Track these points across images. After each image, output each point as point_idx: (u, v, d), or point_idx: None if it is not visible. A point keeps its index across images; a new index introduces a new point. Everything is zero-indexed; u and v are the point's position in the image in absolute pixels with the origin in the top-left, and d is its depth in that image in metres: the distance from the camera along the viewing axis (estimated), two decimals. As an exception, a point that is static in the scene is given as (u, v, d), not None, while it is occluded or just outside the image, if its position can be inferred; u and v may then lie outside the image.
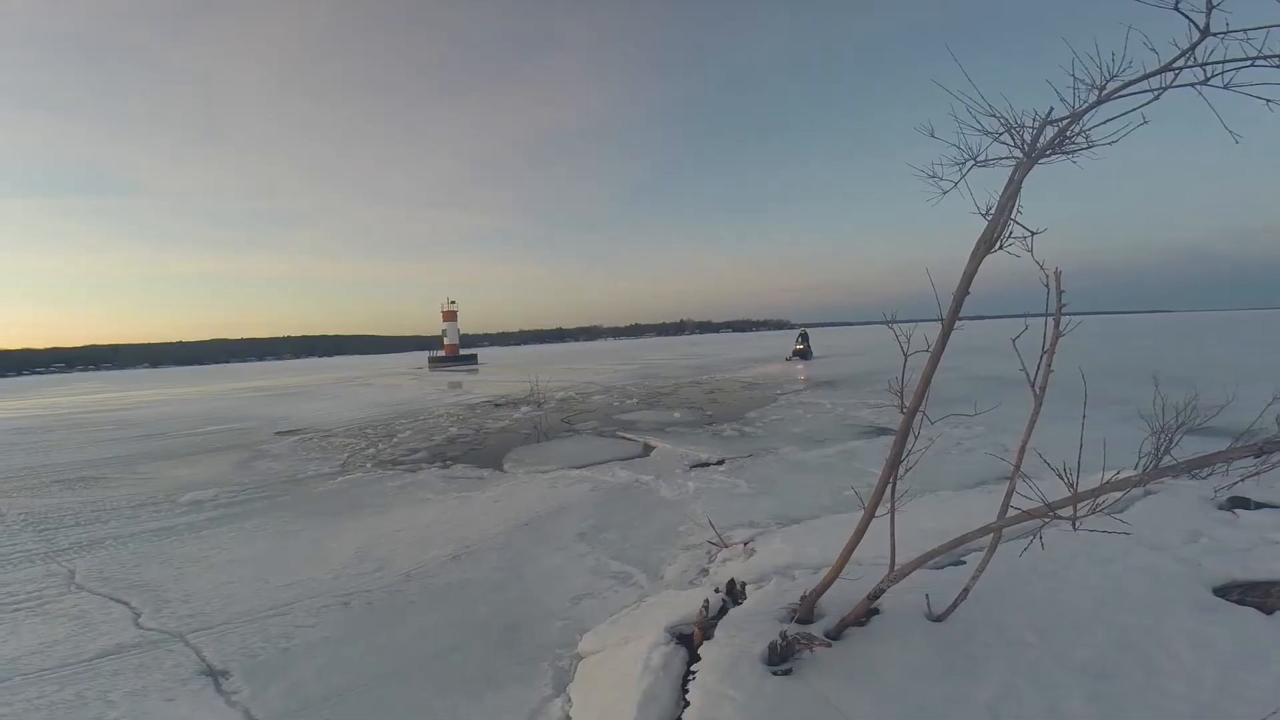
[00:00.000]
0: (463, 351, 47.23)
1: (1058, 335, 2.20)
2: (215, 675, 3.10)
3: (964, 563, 3.26)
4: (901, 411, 2.44)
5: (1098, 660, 2.31)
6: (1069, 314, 2.17)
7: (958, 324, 2.35)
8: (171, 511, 6.37)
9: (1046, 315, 2.21)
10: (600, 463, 7.70)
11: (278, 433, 12.12)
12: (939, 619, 2.57)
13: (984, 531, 2.30)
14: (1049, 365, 2.26)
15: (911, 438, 2.47)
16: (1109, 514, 2.19)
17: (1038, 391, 2.30)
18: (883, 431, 8.31)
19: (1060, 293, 2.14)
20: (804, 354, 27.93)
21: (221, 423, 14.39)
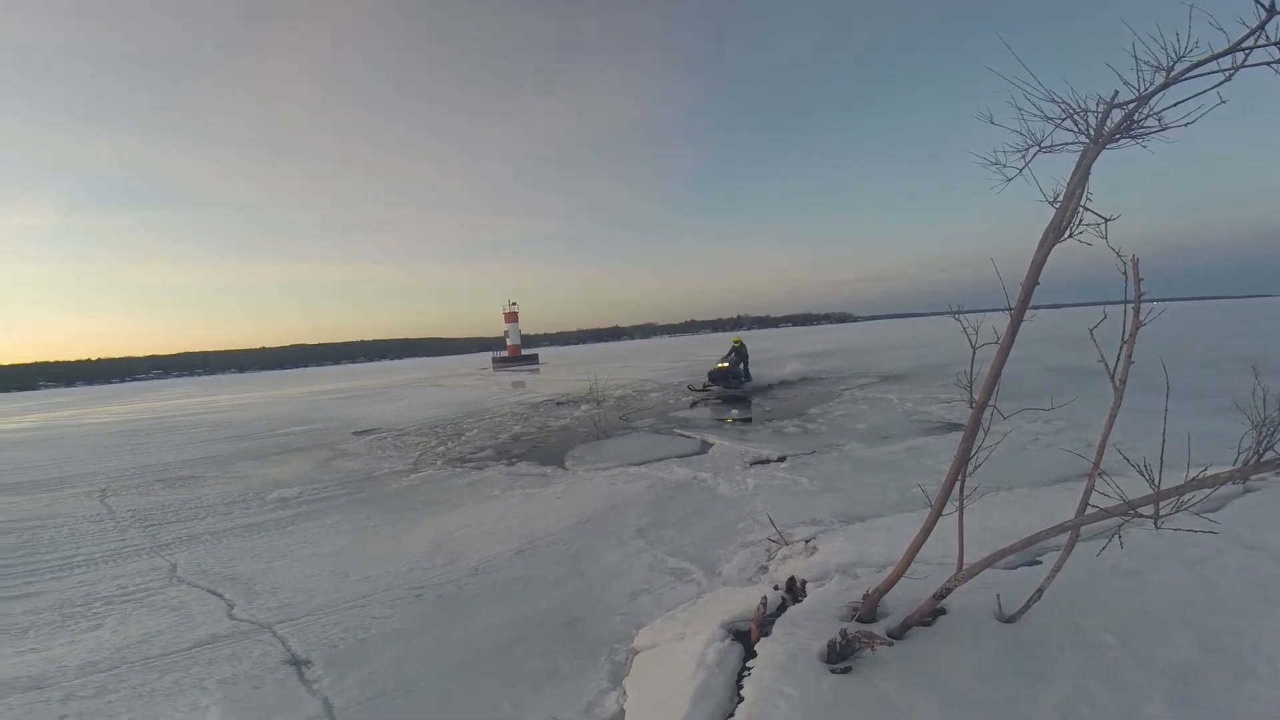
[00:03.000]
0: (524, 352, 48.34)
1: (1138, 324, 2.09)
2: (299, 664, 3.29)
3: (1039, 563, 3.12)
4: (970, 405, 2.37)
5: (1181, 663, 2.18)
6: (1149, 301, 2.05)
7: (1029, 313, 2.26)
8: (260, 508, 6.81)
9: (1125, 303, 2.09)
10: (658, 460, 7.74)
11: (355, 433, 12.75)
12: (1010, 620, 2.48)
13: (1059, 530, 2.20)
14: (1129, 355, 2.15)
15: (981, 433, 2.40)
16: (1197, 513, 2.06)
17: (1118, 384, 2.19)
18: (954, 427, 7.99)
19: (1139, 280, 2.03)
20: (729, 378, 15.14)
21: (303, 424, 15.26)
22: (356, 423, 14.52)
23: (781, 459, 7.17)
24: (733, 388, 15.31)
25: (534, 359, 47.19)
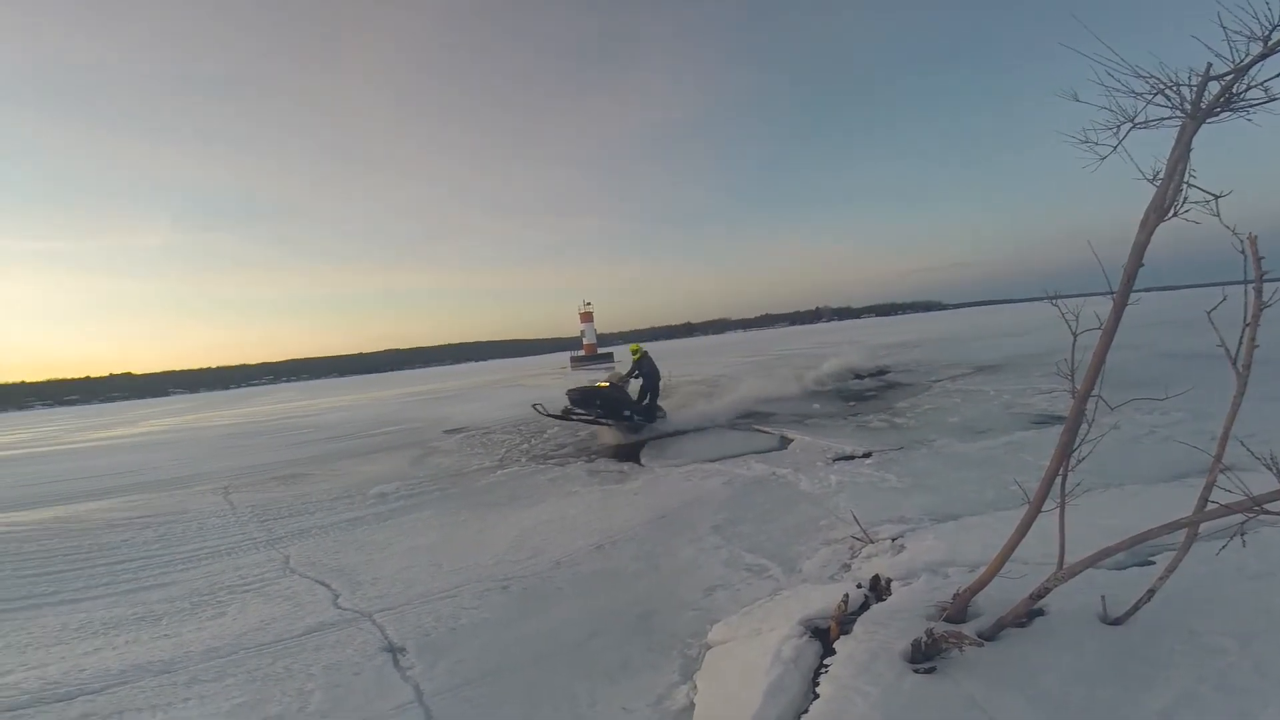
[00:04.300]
0: (599, 350, 49.07)
1: (1260, 306, 1.90)
2: (395, 651, 3.49)
3: (1153, 563, 2.90)
4: (1072, 395, 2.24)
5: (1309, 669, 1.96)
6: (1272, 280, 1.87)
7: (1134, 297, 2.12)
8: (362, 503, 7.27)
9: (1246, 283, 1.92)
10: (735, 456, 7.68)
11: (445, 431, 13.37)
12: (1115, 622, 2.32)
13: (1173, 527, 2.04)
14: (1253, 339, 1.96)
15: (1085, 425, 2.27)
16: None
17: (1240, 370, 2.01)
18: (1057, 420, 7.46)
19: (1259, 259, 1.85)
20: (602, 404, 9.74)
21: (397, 424, 16.16)
22: (446, 422, 15.20)
23: (867, 455, 6.94)
24: (613, 419, 9.78)
25: (609, 357, 47.77)
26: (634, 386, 10.54)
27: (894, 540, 4.11)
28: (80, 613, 4.51)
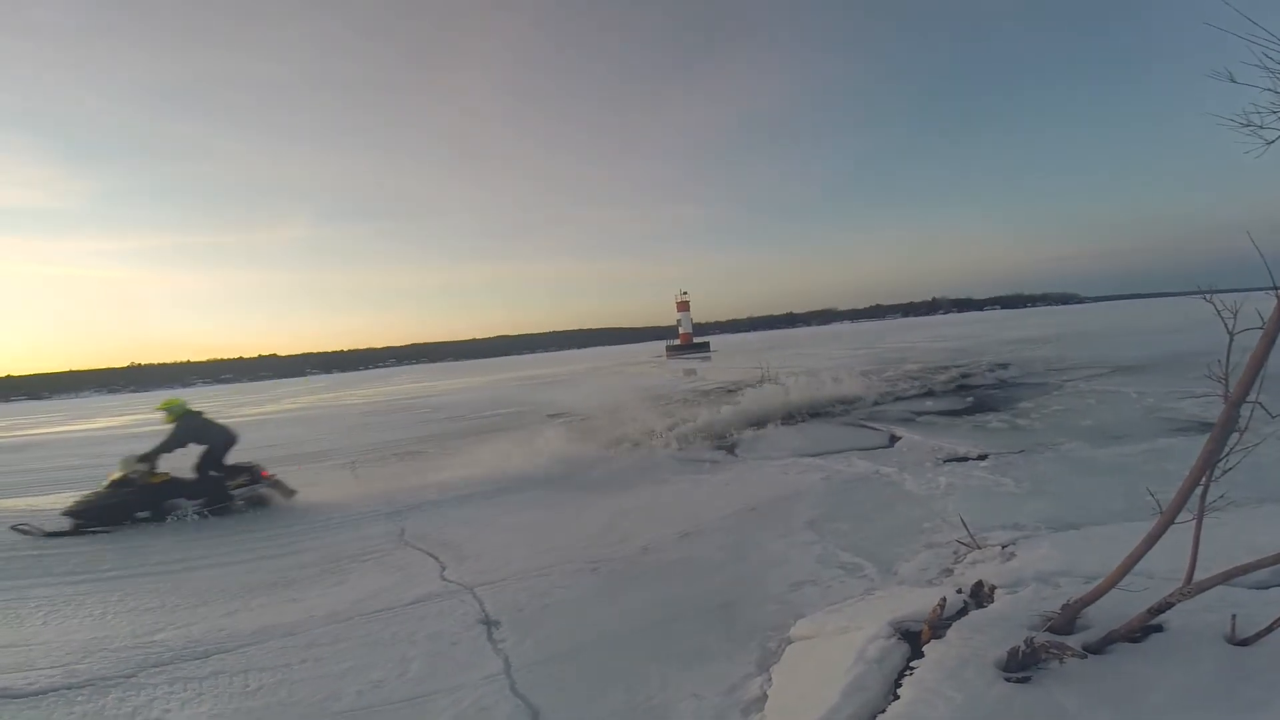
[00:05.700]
0: (695, 340, 48.94)
1: None
2: (490, 624, 3.66)
3: (1304, 584, 2.54)
4: (1224, 401, 2.08)
5: None
6: None
7: None
8: (472, 481, 7.65)
9: None
10: (835, 452, 7.45)
11: (548, 415, 13.93)
12: (1242, 643, 2.06)
13: (1330, 550, 1.78)
14: None
15: (1236, 433, 2.09)
16: None
17: None
18: (1210, 428, 6.60)
19: None
20: (93, 515, 6.27)
21: (506, 407, 17.02)
22: (549, 407, 15.80)
23: (982, 457, 6.51)
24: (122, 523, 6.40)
25: (705, 347, 47.54)
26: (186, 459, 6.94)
27: (1004, 547, 3.85)
28: (225, 577, 4.90)
